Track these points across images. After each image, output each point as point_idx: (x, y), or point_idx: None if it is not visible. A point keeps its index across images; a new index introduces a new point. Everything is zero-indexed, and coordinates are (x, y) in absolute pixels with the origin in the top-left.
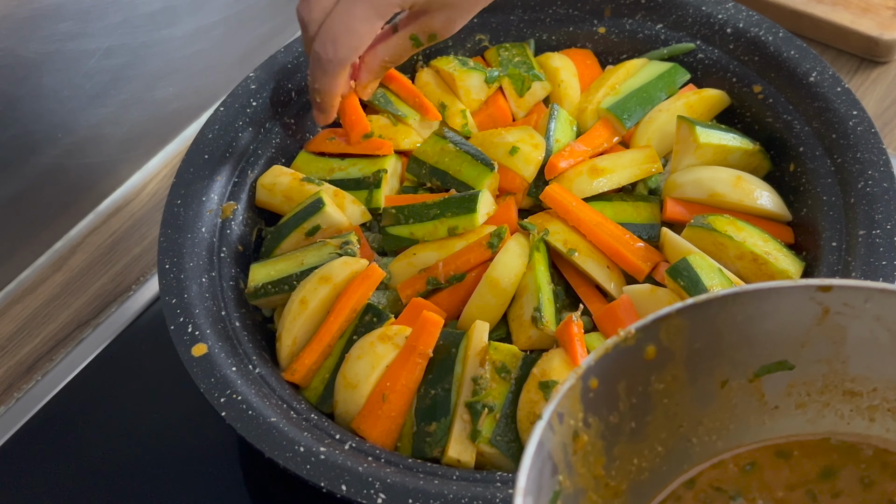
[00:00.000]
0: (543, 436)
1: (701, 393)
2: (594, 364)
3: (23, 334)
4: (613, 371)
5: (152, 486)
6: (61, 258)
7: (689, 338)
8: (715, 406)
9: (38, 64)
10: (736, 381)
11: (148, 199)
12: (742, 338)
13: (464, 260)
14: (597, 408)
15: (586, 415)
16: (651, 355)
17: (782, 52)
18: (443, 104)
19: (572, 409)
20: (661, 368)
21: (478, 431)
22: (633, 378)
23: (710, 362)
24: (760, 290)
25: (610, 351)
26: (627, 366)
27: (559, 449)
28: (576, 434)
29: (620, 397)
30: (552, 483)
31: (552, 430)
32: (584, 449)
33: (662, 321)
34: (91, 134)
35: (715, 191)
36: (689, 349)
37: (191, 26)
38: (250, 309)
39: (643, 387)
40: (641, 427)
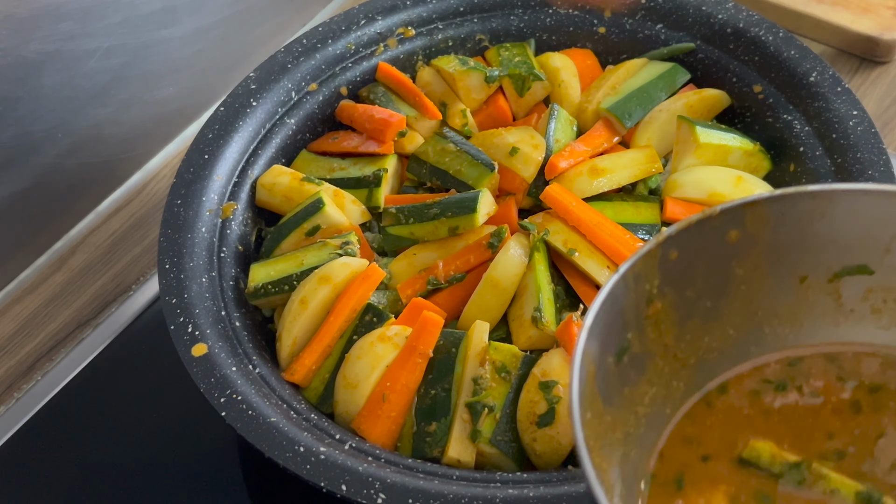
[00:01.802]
0: (616, 288)
1: (779, 285)
2: (675, 234)
3: (23, 334)
4: (694, 247)
5: (152, 486)
6: (61, 258)
7: (773, 228)
8: (792, 300)
9: (38, 64)
10: (815, 278)
11: (148, 199)
12: (826, 237)
13: (464, 260)
14: (674, 279)
15: (662, 284)
16: (734, 239)
17: (782, 52)
18: (443, 104)
19: (649, 273)
20: (742, 254)
21: (478, 431)
22: (714, 258)
23: (792, 256)
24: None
25: (692, 225)
26: (709, 245)
27: (632, 308)
28: (650, 299)
29: (699, 275)
30: (621, 338)
31: (626, 288)
32: (657, 315)
33: (749, 207)
34: (91, 134)
35: (715, 191)
36: (772, 240)
37: (191, 26)
38: (250, 309)
39: (722, 269)
40: (716, 307)
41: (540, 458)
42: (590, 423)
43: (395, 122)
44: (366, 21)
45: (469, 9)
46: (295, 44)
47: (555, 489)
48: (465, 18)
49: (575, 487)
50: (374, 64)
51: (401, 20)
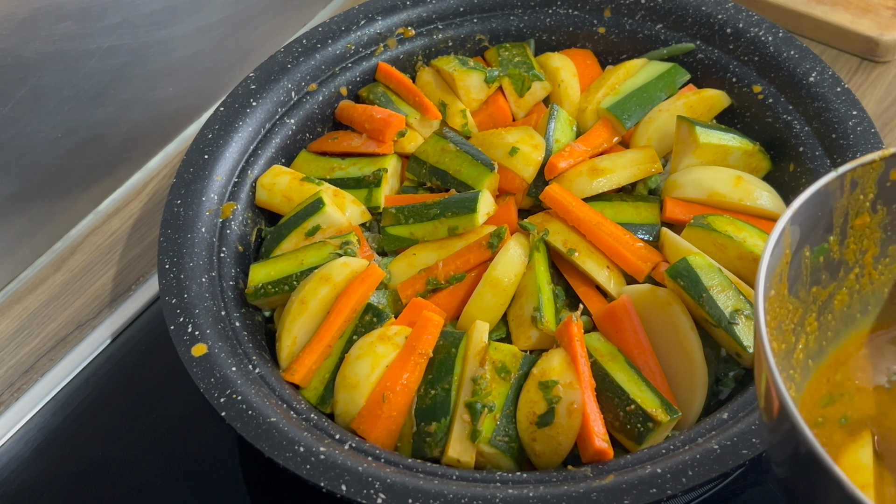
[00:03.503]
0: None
1: None
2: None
3: (23, 334)
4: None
5: (152, 486)
6: (61, 258)
7: None
8: None
9: (38, 64)
10: None
11: (148, 199)
12: None
13: (464, 260)
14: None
15: (876, 200)
16: None
17: (782, 52)
18: (443, 104)
19: (866, 184)
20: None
21: (478, 431)
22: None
23: None
24: None
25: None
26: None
27: (840, 213)
28: (860, 211)
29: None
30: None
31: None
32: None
33: None
34: (91, 134)
35: (715, 191)
36: None
37: (191, 26)
38: (250, 309)
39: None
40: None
41: (540, 458)
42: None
43: (394, 122)
44: (366, 21)
45: (469, 9)
46: (295, 44)
47: (554, 489)
48: (465, 18)
49: (575, 487)
50: (374, 64)
51: (401, 20)
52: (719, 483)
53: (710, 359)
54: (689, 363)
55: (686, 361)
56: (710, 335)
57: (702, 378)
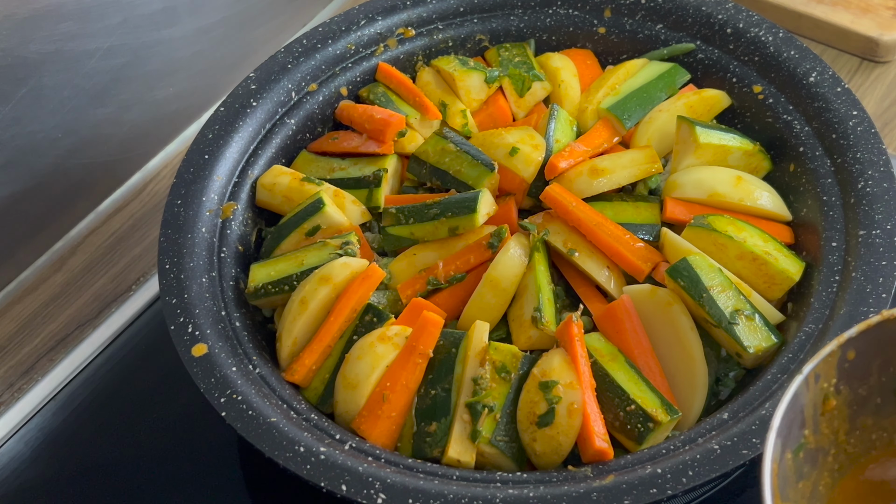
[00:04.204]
0: (799, 389)
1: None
2: (856, 336)
3: (23, 334)
4: (871, 347)
5: (152, 486)
6: (61, 258)
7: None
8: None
9: (38, 64)
10: None
11: (148, 199)
12: None
13: (464, 260)
14: (849, 378)
15: (839, 382)
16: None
17: (782, 52)
18: (443, 104)
19: (827, 373)
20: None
21: (478, 431)
22: (889, 357)
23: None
24: None
25: (873, 327)
26: (886, 345)
27: (810, 406)
28: (826, 397)
29: (872, 372)
30: (799, 434)
31: (807, 387)
32: (831, 412)
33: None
34: (91, 134)
35: (715, 191)
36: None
37: (191, 26)
38: (250, 309)
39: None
40: (887, 404)
41: (540, 458)
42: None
43: (394, 123)
44: (366, 21)
45: (469, 9)
46: (295, 44)
47: (555, 489)
48: (465, 19)
49: (575, 487)
50: (374, 64)
51: (401, 20)
52: (719, 483)
53: (710, 359)
54: (689, 363)
55: (686, 361)
56: (710, 335)
57: (702, 378)
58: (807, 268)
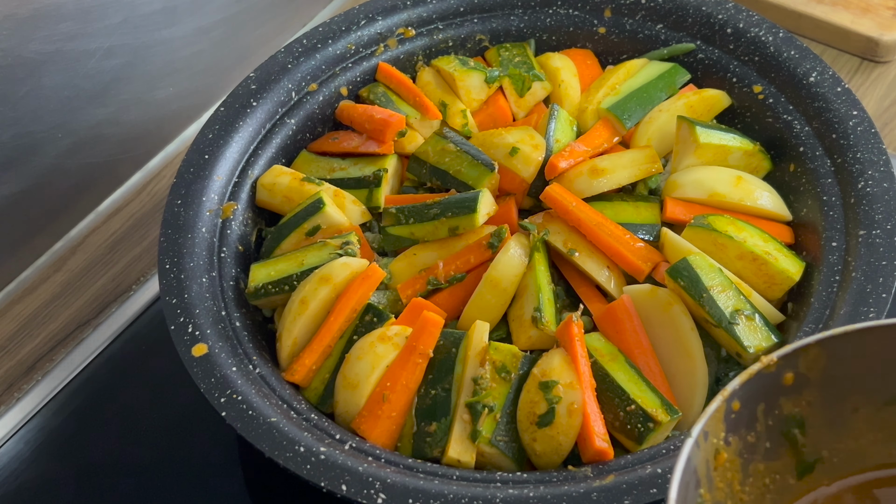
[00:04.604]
0: (691, 452)
1: (833, 417)
2: (739, 388)
3: (23, 334)
4: (754, 394)
5: (152, 486)
6: (61, 258)
7: (825, 366)
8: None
9: (38, 64)
10: (866, 408)
11: (148, 199)
12: (876, 368)
13: (464, 260)
14: (737, 427)
15: (727, 434)
16: (789, 381)
17: (782, 52)
18: (443, 104)
19: (716, 428)
20: (797, 393)
21: (478, 431)
22: (772, 401)
23: (844, 389)
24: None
25: (753, 376)
26: (767, 390)
27: (703, 464)
28: (717, 452)
29: (758, 419)
30: (695, 495)
31: (698, 448)
32: (723, 466)
33: (802, 351)
34: (91, 134)
35: (715, 191)
36: (824, 376)
37: (191, 26)
38: (251, 309)
39: (780, 410)
40: (775, 447)
41: (540, 458)
42: None
43: (394, 123)
44: (366, 21)
45: (469, 9)
46: (295, 44)
47: (555, 489)
48: (465, 18)
49: (575, 487)
50: (375, 64)
51: (401, 20)
52: None
53: (710, 359)
54: (689, 363)
55: (686, 361)
56: (710, 335)
57: (702, 378)
58: (807, 268)
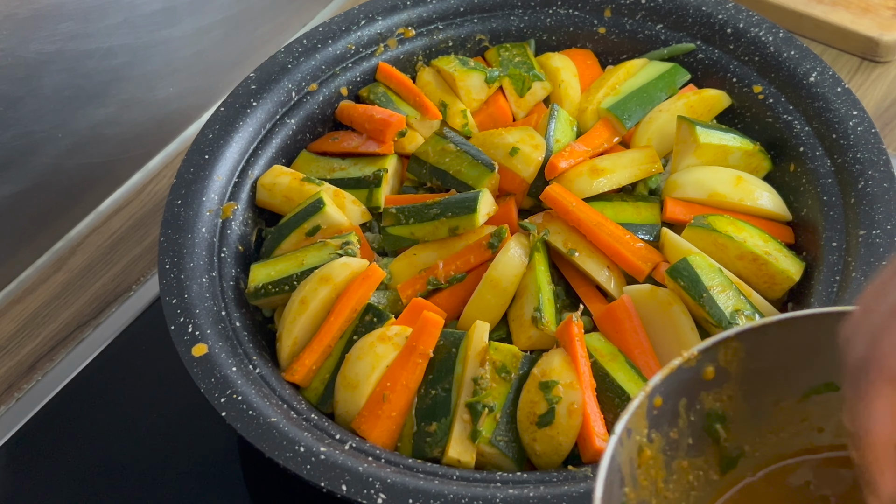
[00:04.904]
0: (615, 450)
1: (754, 411)
2: (660, 383)
3: (23, 334)
4: (675, 389)
5: (152, 486)
6: (61, 258)
7: (744, 359)
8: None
9: (38, 64)
10: (786, 400)
11: (148, 199)
12: (795, 360)
13: (464, 260)
14: (659, 424)
15: (650, 430)
16: (710, 376)
17: (782, 52)
18: (443, 104)
19: (638, 425)
20: (718, 387)
21: (478, 432)
22: (693, 396)
23: (764, 382)
24: (814, 315)
25: (674, 371)
26: (688, 385)
27: (627, 463)
28: (640, 449)
29: (680, 414)
30: (620, 494)
31: (622, 445)
32: (647, 463)
33: (721, 344)
34: (91, 134)
35: (715, 191)
36: (744, 370)
37: (191, 26)
38: (251, 309)
39: (701, 405)
40: (698, 442)
41: (540, 458)
42: None
43: (394, 123)
44: (366, 21)
45: (469, 9)
46: (295, 44)
47: (555, 489)
48: (465, 19)
49: (575, 487)
50: (375, 64)
51: (401, 20)
52: None
53: None
54: None
55: None
56: (710, 335)
57: None
58: (807, 268)
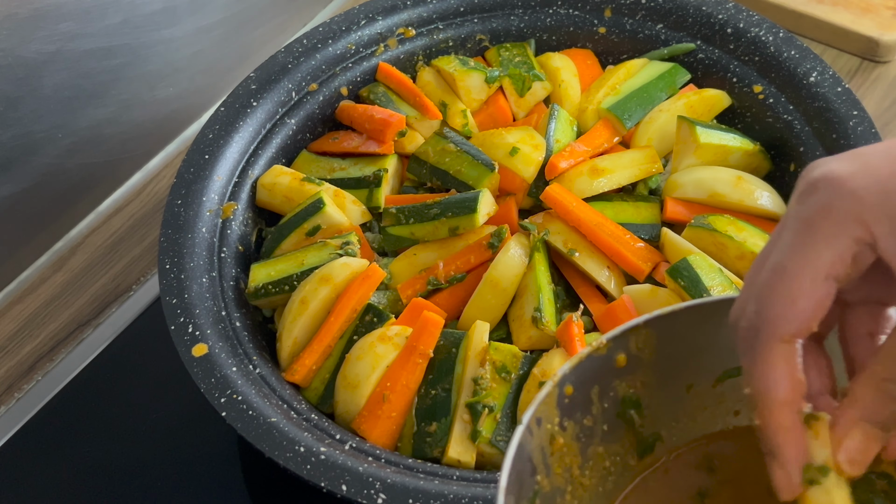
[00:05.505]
0: (523, 439)
1: (670, 396)
2: (569, 372)
3: (23, 334)
4: (587, 378)
5: (152, 486)
6: (61, 258)
7: (657, 345)
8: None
9: (38, 64)
10: (700, 385)
11: (148, 199)
12: (706, 345)
13: (464, 260)
14: (571, 412)
15: (562, 419)
16: (622, 363)
17: (782, 52)
18: (443, 104)
19: (549, 414)
20: (631, 374)
21: (478, 432)
22: (605, 384)
23: (677, 368)
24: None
25: (584, 359)
26: (600, 373)
27: (538, 451)
28: (552, 437)
29: (593, 402)
30: (531, 483)
31: (531, 434)
32: (560, 451)
33: (632, 332)
34: (91, 134)
35: (715, 191)
36: (657, 355)
37: (191, 26)
38: (251, 309)
39: (614, 392)
40: (613, 429)
41: None
42: None
43: (395, 122)
44: (366, 21)
45: (469, 9)
46: (295, 44)
47: None
48: (465, 18)
49: None
50: (375, 64)
51: (401, 20)
52: None
53: None
54: None
55: None
56: None
57: None
58: None
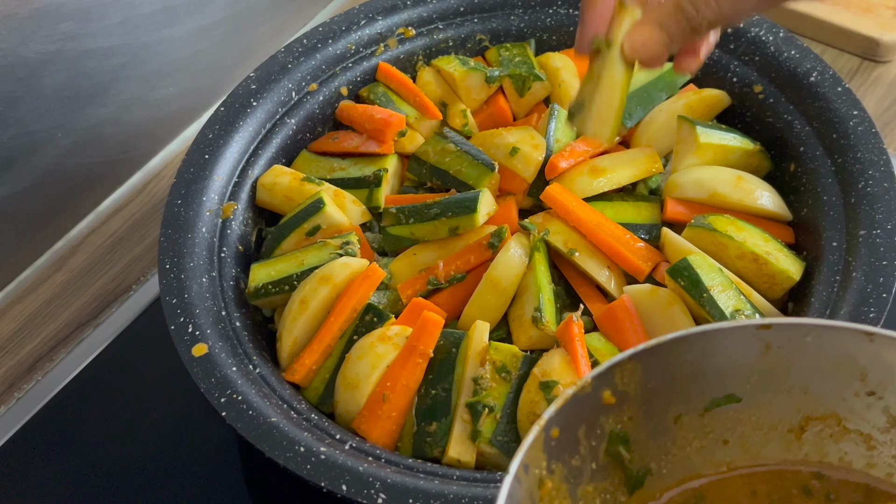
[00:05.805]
0: (512, 488)
1: (657, 428)
2: (555, 414)
3: (23, 334)
4: (573, 418)
5: (152, 486)
6: (61, 258)
7: (642, 379)
8: (671, 441)
9: (38, 64)
10: (688, 415)
11: (148, 199)
12: (692, 375)
13: (464, 260)
14: (559, 454)
15: (549, 462)
16: (609, 400)
17: (783, 52)
18: (443, 104)
19: (536, 459)
20: (618, 410)
21: (478, 431)
22: (592, 422)
23: (664, 400)
24: (706, 331)
25: (569, 400)
26: (586, 411)
27: (527, 498)
28: (541, 481)
29: (581, 441)
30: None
31: (519, 483)
32: (549, 495)
33: (616, 367)
34: (91, 134)
35: (715, 191)
36: (643, 390)
37: (191, 26)
38: (251, 309)
39: (601, 429)
40: (602, 467)
41: None
42: None
43: (395, 122)
44: (366, 21)
45: (469, 9)
46: (295, 44)
47: None
48: (465, 18)
49: None
50: (375, 64)
51: (401, 20)
52: None
53: None
54: None
55: None
56: None
57: None
58: (807, 268)
